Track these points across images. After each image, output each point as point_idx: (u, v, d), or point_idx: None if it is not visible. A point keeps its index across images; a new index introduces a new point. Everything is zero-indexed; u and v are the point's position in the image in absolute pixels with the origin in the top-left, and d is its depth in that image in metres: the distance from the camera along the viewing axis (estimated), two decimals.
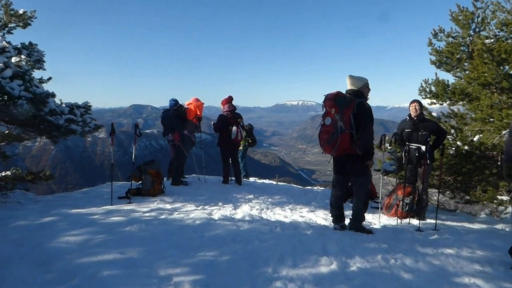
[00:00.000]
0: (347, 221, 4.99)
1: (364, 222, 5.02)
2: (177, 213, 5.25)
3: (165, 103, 8.27)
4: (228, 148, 8.37)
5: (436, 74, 8.78)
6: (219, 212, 5.45)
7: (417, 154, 6.07)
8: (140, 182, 6.75)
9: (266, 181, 11.73)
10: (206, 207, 5.81)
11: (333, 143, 4.46)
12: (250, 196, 7.00)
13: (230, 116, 8.29)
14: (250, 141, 11.39)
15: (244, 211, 5.65)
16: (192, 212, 5.30)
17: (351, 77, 4.85)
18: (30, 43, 8.60)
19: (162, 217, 4.93)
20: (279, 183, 11.28)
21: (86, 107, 8.81)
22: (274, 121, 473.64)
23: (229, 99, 8.55)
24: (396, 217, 6.06)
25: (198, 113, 8.13)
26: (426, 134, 6.08)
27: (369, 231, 4.89)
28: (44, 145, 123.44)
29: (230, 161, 8.56)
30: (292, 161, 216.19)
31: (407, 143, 6.30)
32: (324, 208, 6.57)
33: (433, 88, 9.03)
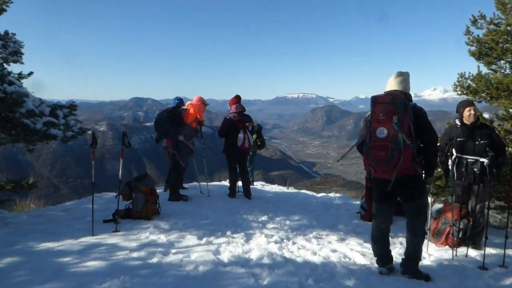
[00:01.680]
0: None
1: None
2: (174, 251, 4.07)
3: (166, 96, 7.09)
4: (235, 156, 7.13)
5: (478, 67, 7.51)
6: (228, 248, 4.24)
7: (475, 169, 4.85)
8: (131, 201, 5.58)
9: (275, 187, 10.55)
10: (211, 238, 4.62)
11: (395, 163, 3.29)
12: (263, 218, 5.78)
13: (238, 119, 6.99)
14: (259, 143, 10.21)
15: (260, 245, 4.43)
16: (193, 250, 4.10)
17: (402, 75, 3.69)
18: (6, 32, 7.36)
19: (154, 260, 3.75)
20: (290, 189, 10.11)
21: (71, 107, 7.59)
22: (275, 113, 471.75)
23: (237, 99, 7.25)
24: (447, 246, 4.90)
25: (198, 117, 6.90)
26: (484, 144, 4.85)
27: (426, 276, 3.70)
28: None
29: (238, 170, 7.37)
30: (293, 154, 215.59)
31: (458, 154, 5.07)
32: (355, 234, 5.36)
33: (471, 83, 7.81)
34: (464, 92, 7.71)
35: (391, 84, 3.69)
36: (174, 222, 5.26)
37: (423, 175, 3.51)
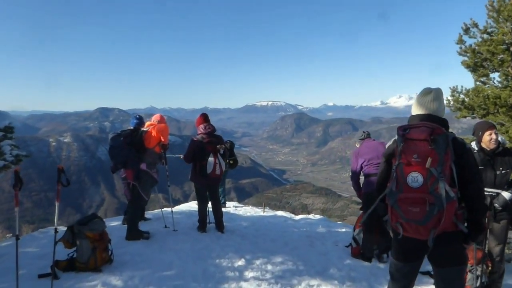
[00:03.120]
0: None
1: None
2: None
3: (133, 106, 5.99)
4: (204, 184, 6.05)
5: (475, 81, 6.84)
6: None
7: (496, 204, 4.04)
8: (75, 249, 4.43)
9: (250, 210, 9.56)
10: None
11: (434, 223, 2.41)
12: (240, 263, 4.73)
13: (207, 140, 5.93)
14: (231, 162, 9.22)
15: None
16: None
17: (431, 92, 2.74)
18: None
19: None
20: (266, 212, 9.16)
21: (6, 130, 6.37)
22: (244, 122, 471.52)
23: (204, 118, 6.17)
24: None
25: (163, 140, 5.82)
26: (507, 174, 4.06)
27: None
28: None
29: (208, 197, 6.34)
30: (263, 162, 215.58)
31: None
32: (350, 280, 4.44)
33: (463, 97, 7.16)
34: (459, 108, 7.06)
35: (420, 106, 2.76)
36: (130, 276, 4.15)
37: (465, 232, 2.59)
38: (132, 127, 5.84)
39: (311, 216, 9.38)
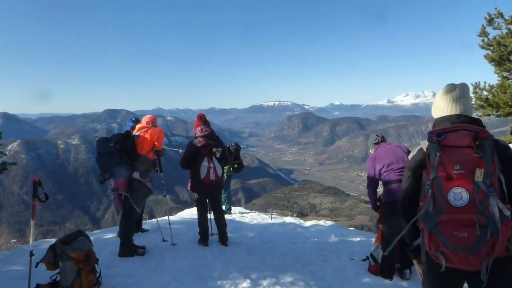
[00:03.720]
0: None
1: None
2: None
3: (141, 107, 5.49)
4: (202, 192, 5.55)
5: (503, 76, 6.25)
6: None
7: None
8: (58, 271, 3.94)
9: (256, 216, 9.03)
10: None
11: (487, 249, 1.88)
12: (245, 285, 4.20)
13: (202, 144, 5.41)
14: (235, 166, 8.72)
15: None
16: None
17: (455, 88, 2.23)
18: None
19: None
20: (274, 219, 8.64)
21: None
22: (251, 122, 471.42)
23: (201, 120, 5.67)
24: None
25: (157, 145, 5.31)
26: None
27: None
28: (15, 153, 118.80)
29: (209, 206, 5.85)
30: (270, 162, 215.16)
31: None
32: None
33: (486, 94, 6.55)
34: (481, 105, 6.46)
35: (449, 105, 2.22)
36: None
37: None
38: (124, 132, 5.30)
39: (321, 222, 8.81)
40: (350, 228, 8.68)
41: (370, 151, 5.15)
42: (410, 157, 2.36)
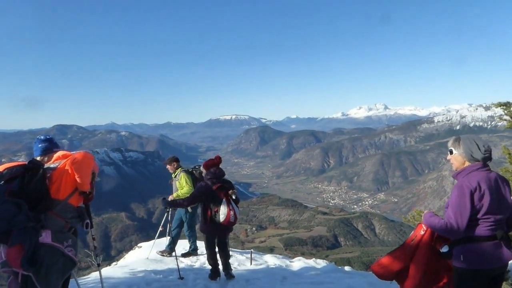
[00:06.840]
0: None
1: None
2: None
3: (93, 122, 3.79)
4: (216, 234, 5.63)
5: None
6: None
7: None
8: None
9: (231, 259, 7.28)
10: None
11: None
12: None
13: (218, 186, 5.30)
14: None
15: None
16: None
17: None
18: None
19: None
20: (253, 265, 6.99)
21: None
22: (209, 136, 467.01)
23: (217, 162, 5.56)
24: None
25: (79, 182, 3.07)
26: None
27: None
28: None
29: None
30: (229, 176, 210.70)
31: None
32: None
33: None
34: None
35: None
36: None
37: None
38: (32, 159, 3.16)
39: (311, 261, 7.27)
40: (346, 268, 7.14)
41: (454, 161, 3.00)
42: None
